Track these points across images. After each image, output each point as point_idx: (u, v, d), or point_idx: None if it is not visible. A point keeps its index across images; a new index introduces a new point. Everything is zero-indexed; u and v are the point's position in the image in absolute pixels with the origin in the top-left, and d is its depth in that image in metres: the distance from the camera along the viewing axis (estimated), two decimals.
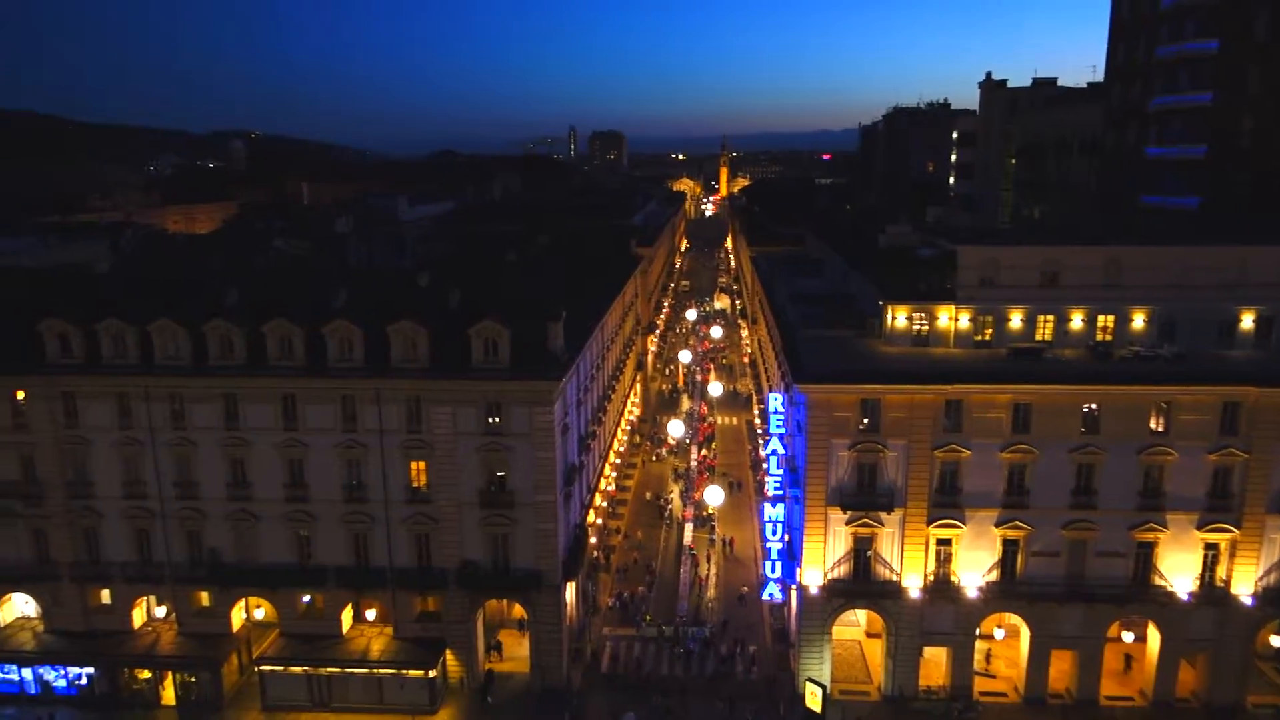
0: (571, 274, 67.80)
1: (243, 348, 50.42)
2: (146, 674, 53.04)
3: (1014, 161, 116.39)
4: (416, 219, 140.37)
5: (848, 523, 50.08)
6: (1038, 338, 54.15)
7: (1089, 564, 49.72)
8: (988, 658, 54.81)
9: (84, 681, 53.37)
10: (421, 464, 51.21)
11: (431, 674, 51.68)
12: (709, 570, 67.87)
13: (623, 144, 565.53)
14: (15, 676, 53.52)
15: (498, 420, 50.43)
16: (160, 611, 55.10)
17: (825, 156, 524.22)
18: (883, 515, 49.80)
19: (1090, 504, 48.99)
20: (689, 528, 72.89)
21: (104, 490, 52.41)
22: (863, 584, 50.89)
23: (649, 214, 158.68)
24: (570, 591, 55.95)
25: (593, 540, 66.60)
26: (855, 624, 58.27)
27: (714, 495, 70.72)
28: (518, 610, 56.95)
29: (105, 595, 54.28)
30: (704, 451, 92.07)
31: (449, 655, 53.42)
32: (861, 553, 50.59)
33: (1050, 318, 54.18)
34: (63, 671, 53.44)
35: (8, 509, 52.88)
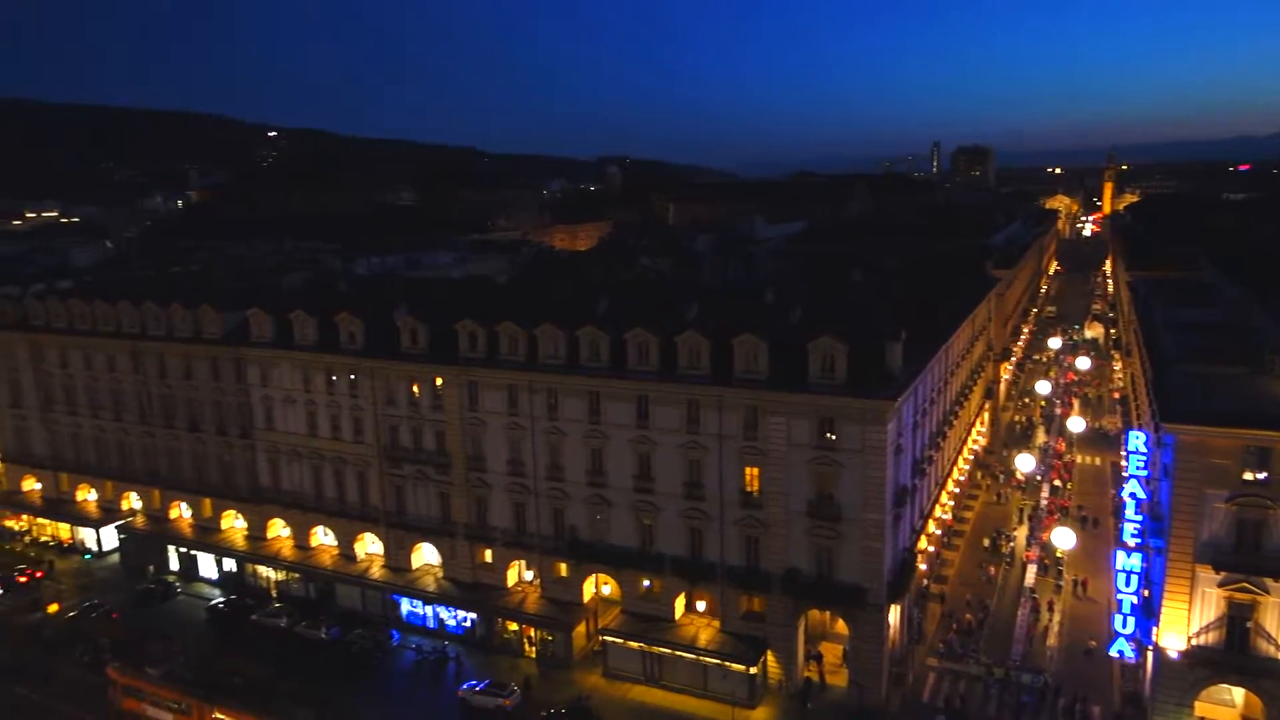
0: (917, 294, 67.07)
1: (607, 352, 57.09)
2: (514, 626, 61.90)
3: None
4: (770, 238, 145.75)
5: (1221, 584, 44.20)
6: None
7: None
8: None
9: (469, 624, 63.68)
10: (755, 470, 54.14)
11: (753, 670, 54.31)
12: (1051, 617, 63.05)
13: (989, 159, 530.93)
14: (421, 611, 65.39)
15: (830, 435, 51.77)
16: (529, 575, 63.89)
17: (1242, 167, 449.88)
18: (1268, 582, 43.24)
19: None
20: (1032, 569, 68.12)
21: (493, 466, 62.18)
22: (1237, 657, 44.54)
23: (1011, 234, 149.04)
24: (894, 614, 55.51)
25: (923, 568, 65.03)
26: (1229, 704, 50.73)
27: (1063, 538, 65.54)
28: (840, 625, 57.60)
29: (488, 555, 64.20)
30: (1056, 485, 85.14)
31: (770, 656, 55.70)
32: (1237, 621, 44.33)
33: None
34: (454, 613, 64.22)
35: (424, 474, 64.85)
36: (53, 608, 67.85)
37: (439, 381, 62.94)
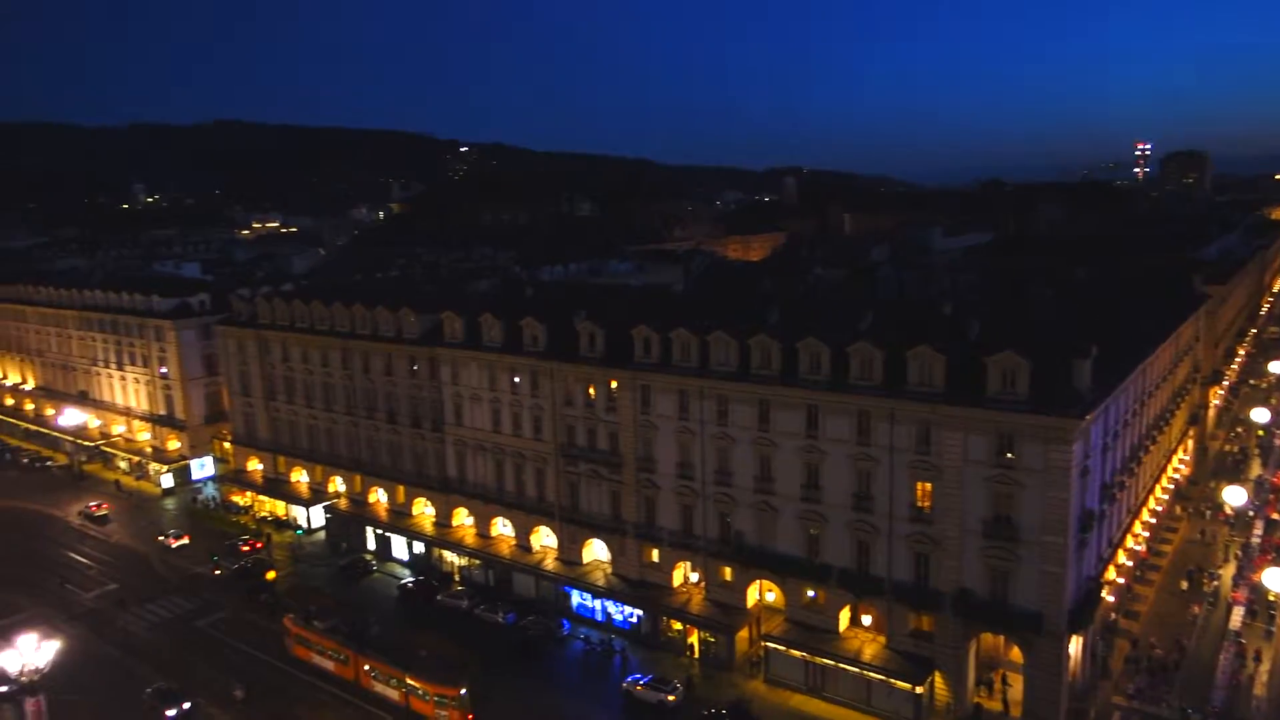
0: (1111, 310, 63.42)
1: (778, 360, 57.63)
2: (678, 626, 63.39)
3: None
4: (950, 249, 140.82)
5: None
6: None
7: None
8: None
9: (635, 620, 65.81)
10: (927, 485, 53.03)
11: (919, 690, 53.13)
12: (1258, 666, 57.64)
13: (1204, 165, 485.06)
14: (590, 604, 68.20)
15: (1010, 453, 49.96)
16: (694, 577, 65.23)
17: None
18: None
19: None
20: (1238, 612, 62.51)
21: (663, 468, 64.04)
22: None
23: (1227, 246, 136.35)
24: (1075, 645, 52.72)
25: (1110, 599, 61.30)
26: None
27: (1278, 580, 59.71)
28: (1016, 653, 55.26)
29: (655, 554, 66.08)
30: (1273, 521, 77.35)
31: (938, 677, 54.25)
32: None
33: None
34: (621, 608, 66.54)
35: (597, 472, 67.67)
36: (270, 574, 75.90)
37: (614, 384, 65.54)
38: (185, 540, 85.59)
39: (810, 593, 59.13)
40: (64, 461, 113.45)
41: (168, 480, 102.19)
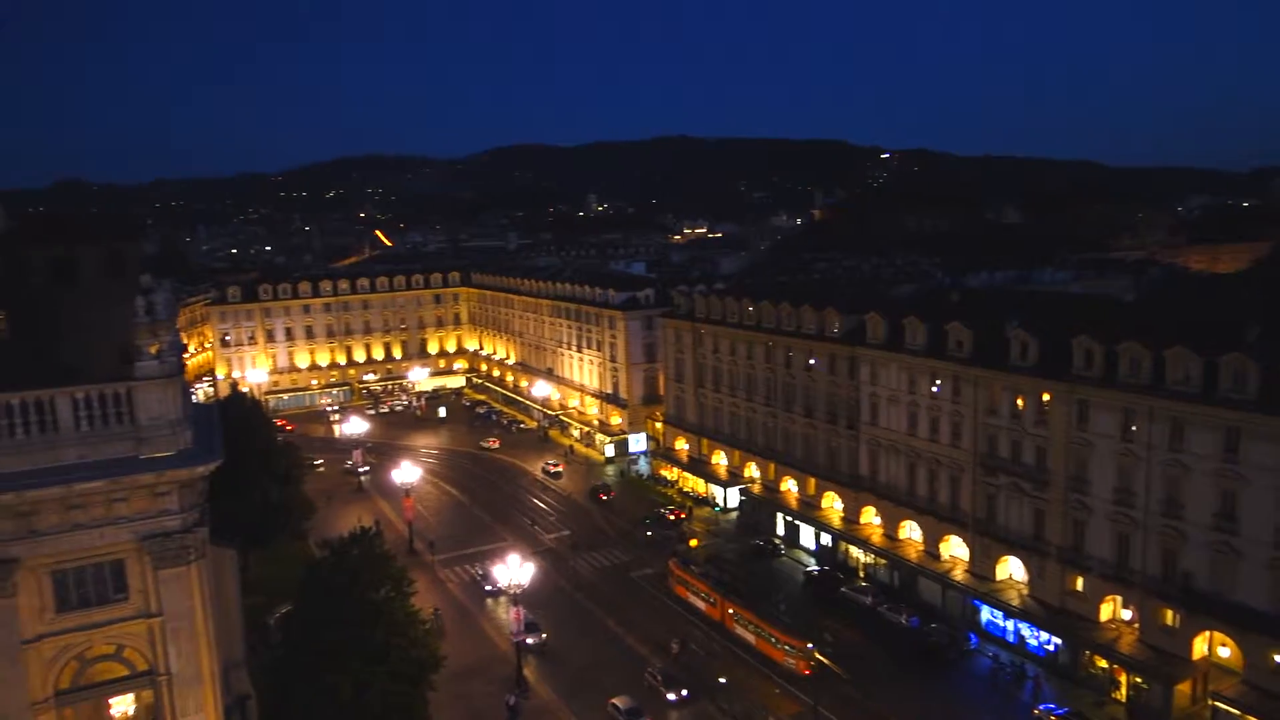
0: None
1: (1255, 384, 50.32)
2: (1103, 663, 58.24)
3: None
4: None
5: None
6: None
7: None
8: None
9: (1051, 648, 61.76)
10: None
11: None
12: None
13: None
14: (1001, 623, 65.40)
15: None
16: (1126, 614, 59.40)
17: None
18: None
19: None
20: None
21: (1096, 490, 59.22)
22: None
23: None
24: None
25: None
26: None
27: None
28: None
29: (1079, 582, 61.28)
30: None
31: None
32: None
33: None
34: (1035, 633, 62.86)
35: (1018, 487, 64.57)
36: (693, 542, 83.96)
37: (1046, 397, 62.05)
38: (560, 468, 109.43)
39: (1278, 657, 50.83)
40: (532, 425, 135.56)
41: (609, 450, 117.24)
